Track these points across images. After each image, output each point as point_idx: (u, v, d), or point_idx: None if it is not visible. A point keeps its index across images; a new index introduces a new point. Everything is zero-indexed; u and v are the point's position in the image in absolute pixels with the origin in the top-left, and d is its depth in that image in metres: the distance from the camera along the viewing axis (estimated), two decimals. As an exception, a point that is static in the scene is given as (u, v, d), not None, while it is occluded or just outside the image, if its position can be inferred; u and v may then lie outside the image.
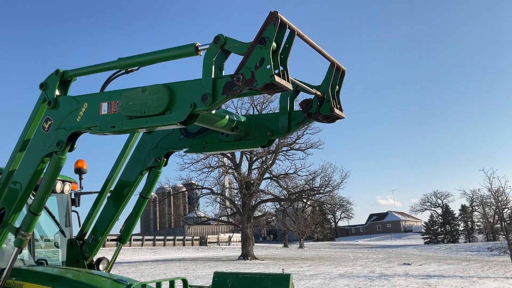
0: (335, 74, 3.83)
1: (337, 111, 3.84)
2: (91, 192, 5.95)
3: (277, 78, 2.88)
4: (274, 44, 2.94)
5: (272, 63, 2.89)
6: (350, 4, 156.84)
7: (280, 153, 37.34)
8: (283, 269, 17.82)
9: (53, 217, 5.82)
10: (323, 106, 3.83)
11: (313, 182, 39.85)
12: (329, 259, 37.17)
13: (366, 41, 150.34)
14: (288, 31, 3.07)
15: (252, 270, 23.90)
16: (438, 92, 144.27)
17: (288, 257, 40.74)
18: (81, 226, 5.53)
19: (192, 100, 3.23)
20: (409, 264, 30.56)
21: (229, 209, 41.99)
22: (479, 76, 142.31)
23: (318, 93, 3.74)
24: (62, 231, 5.95)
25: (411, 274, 23.76)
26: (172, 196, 64.87)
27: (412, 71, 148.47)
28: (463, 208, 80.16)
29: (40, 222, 5.78)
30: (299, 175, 38.51)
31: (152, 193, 5.49)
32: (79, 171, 5.83)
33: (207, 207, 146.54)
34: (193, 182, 42.56)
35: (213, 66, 3.16)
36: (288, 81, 3.02)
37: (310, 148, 36.81)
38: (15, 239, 4.25)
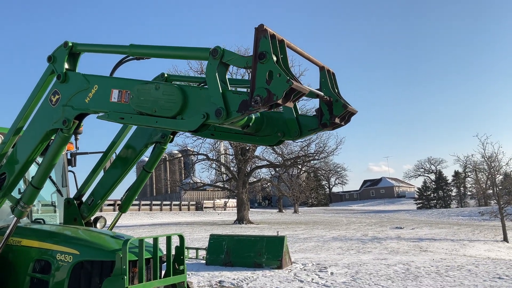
0: (329, 77, 3.72)
1: (349, 106, 3.76)
2: (87, 153, 5.96)
3: (294, 83, 2.79)
4: (274, 57, 2.85)
5: (281, 72, 2.81)
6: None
7: (276, 119, 37.20)
8: (277, 232, 18.09)
9: (49, 177, 5.83)
10: (335, 108, 3.72)
11: (308, 148, 40.17)
12: (323, 223, 37.79)
13: (355, 9, 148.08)
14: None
15: (247, 233, 24.29)
16: (432, 57, 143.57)
17: (283, 221, 41.36)
18: (80, 186, 5.56)
19: (205, 110, 3.12)
20: (401, 228, 31.17)
21: (224, 175, 42.28)
22: (474, 41, 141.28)
23: (321, 94, 3.63)
24: (59, 191, 5.96)
25: (403, 237, 24.26)
26: (168, 162, 65.06)
27: (406, 36, 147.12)
28: (456, 174, 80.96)
29: None
30: (294, 141, 38.64)
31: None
32: (75, 131, 5.81)
33: (202, 173, 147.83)
34: (188, 148, 42.58)
35: (218, 80, 3.05)
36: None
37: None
38: (15, 210, 4.28)
